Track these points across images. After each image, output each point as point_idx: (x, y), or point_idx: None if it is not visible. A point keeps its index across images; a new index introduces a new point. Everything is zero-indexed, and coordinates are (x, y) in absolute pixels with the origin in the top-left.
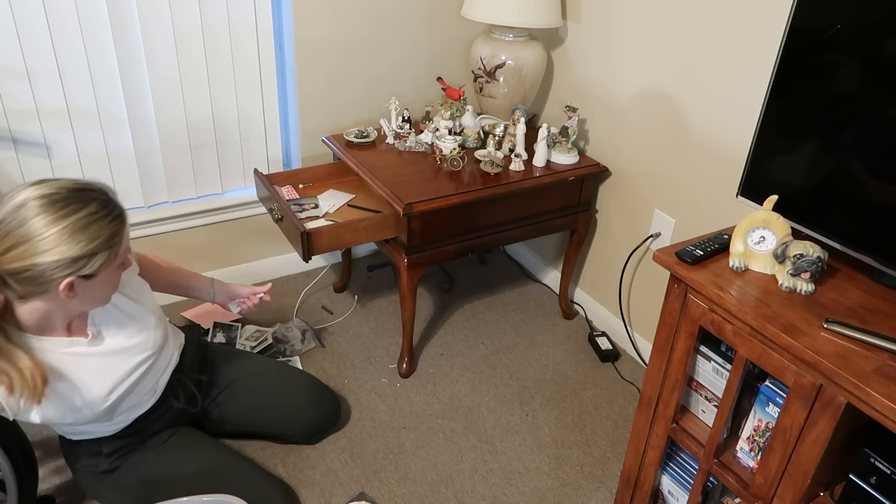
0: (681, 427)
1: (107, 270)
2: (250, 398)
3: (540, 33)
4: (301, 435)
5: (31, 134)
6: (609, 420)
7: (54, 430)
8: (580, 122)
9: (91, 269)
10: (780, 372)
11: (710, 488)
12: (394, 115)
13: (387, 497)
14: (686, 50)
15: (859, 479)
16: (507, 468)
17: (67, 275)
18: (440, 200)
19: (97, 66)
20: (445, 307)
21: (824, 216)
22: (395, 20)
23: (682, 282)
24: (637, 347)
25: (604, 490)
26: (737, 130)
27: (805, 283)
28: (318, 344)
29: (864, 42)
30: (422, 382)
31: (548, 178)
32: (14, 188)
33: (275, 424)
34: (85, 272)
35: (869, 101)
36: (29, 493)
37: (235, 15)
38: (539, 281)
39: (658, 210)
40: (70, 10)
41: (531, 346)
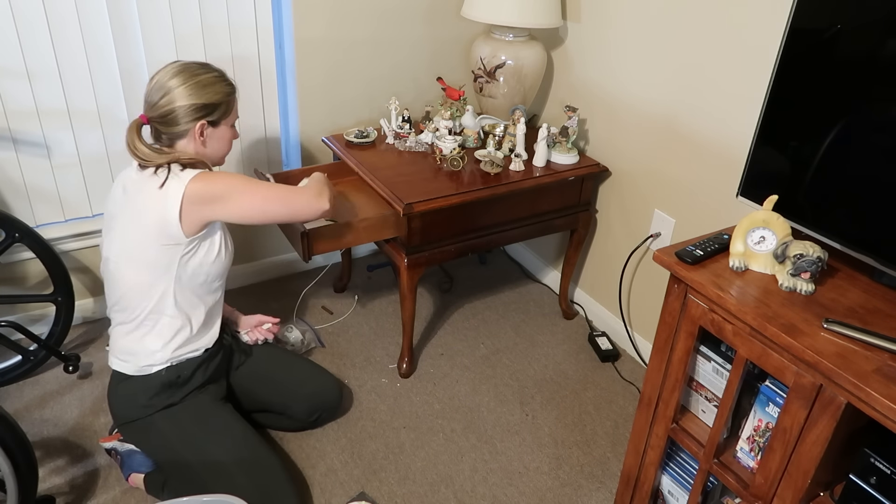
0: (681, 427)
1: (225, 123)
2: (261, 368)
3: (540, 33)
4: (302, 408)
5: (31, 134)
6: (609, 420)
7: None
8: (580, 122)
9: (215, 116)
10: (780, 372)
11: (710, 488)
12: (394, 115)
13: (387, 497)
14: (686, 50)
15: (859, 479)
16: (507, 468)
17: (198, 118)
18: (440, 200)
19: (97, 66)
20: (445, 307)
21: (824, 216)
22: (395, 20)
23: (682, 282)
24: (637, 347)
25: (604, 490)
26: (737, 130)
27: (805, 283)
28: (318, 344)
29: (864, 42)
30: (422, 382)
31: (548, 178)
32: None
33: (280, 395)
34: (211, 118)
35: (869, 101)
36: (29, 493)
37: (235, 15)
38: (539, 281)
39: (658, 210)
40: (70, 10)
41: (531, 346)
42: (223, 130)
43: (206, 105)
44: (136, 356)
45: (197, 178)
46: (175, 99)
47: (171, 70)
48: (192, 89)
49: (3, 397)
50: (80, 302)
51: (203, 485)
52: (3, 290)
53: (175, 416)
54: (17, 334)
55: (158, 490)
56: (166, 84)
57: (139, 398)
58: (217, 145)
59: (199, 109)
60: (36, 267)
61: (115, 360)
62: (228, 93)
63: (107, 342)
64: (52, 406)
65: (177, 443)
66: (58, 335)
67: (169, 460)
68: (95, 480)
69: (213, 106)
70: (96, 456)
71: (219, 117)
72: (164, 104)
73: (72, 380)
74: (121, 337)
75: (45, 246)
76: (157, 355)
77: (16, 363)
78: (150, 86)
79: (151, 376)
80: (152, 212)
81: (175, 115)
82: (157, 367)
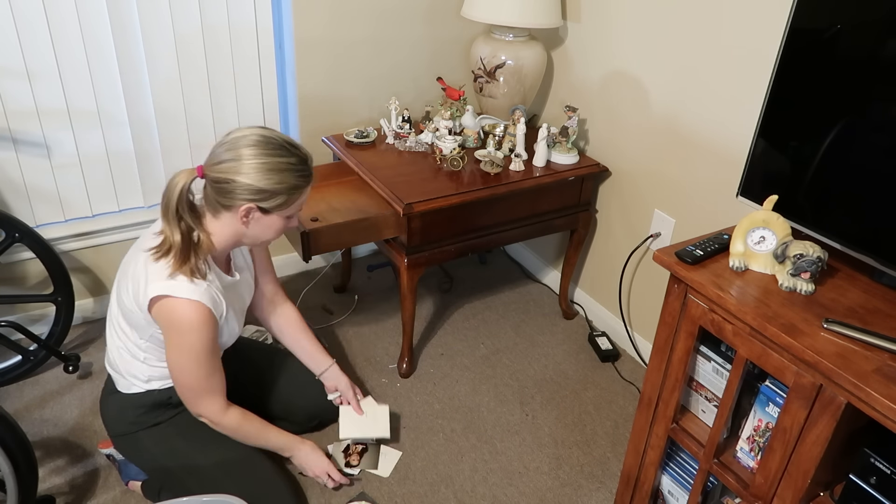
0: (681, 427)
1: (278, 213)
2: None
3: (540, 33)
4: (302, 414)
5: (31, 134)
6: (609, 420)
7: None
8: (580, 122)
9: (268, 204)
10: (780, 372)
11: (710, 488)
12: (394, 115)
13: (387, 497)
14: (686, 49)
15: (859, 479)
16: (507, 468)
17: (250, 200)
18: (440, 200)
19: (97, 66)
20: (445, 307)
21: (824, 216)
22: (395, 20)
23: (682, 282)
24: (637, 347)
25: (604, 490)
26: (737, 130)
27: (805, 283)
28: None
29: (863, 42)
30: (422, 382)
31: (548, 178)
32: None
33: (280, 401)
34: (263, 205)
35: (869, 101)
36: (29, 493)
37: (235, 15)
38: (539, 281)
39: (658, 210)
40: (70, 10)
41: (531, 346)
42: (273, 220)
43: (263, 190)
44: (125, 378)
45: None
46: (239, 170)
47: (252, 135)
48: (252, 168)
49: (3, 397)
50: (80, 302)
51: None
52: (3, 290)
53: (162, 433)
54: (17, 334)
55: (155, 495)
56: (240, 150)
57: (127, 414)
58: (259, 232)
59: (255, 192)
60: (36, 267)
61: (111, 371)
62: (295, 186)
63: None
64: (52, 406)
65: (163, 458)
66: (58, 335)
67: (157, 473)
68: (95, 480)
69: (270, 193)
70: (96, 456)
71: (272, 207)
72: (225, 170)
73: (72, 380)
74: (112, 349)
75: (45, 246)
76: (142, 384)
77: (16, 363)
78: (224, 139)
79: (142, 394)
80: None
81: (230, 186)
82: (147, 390)
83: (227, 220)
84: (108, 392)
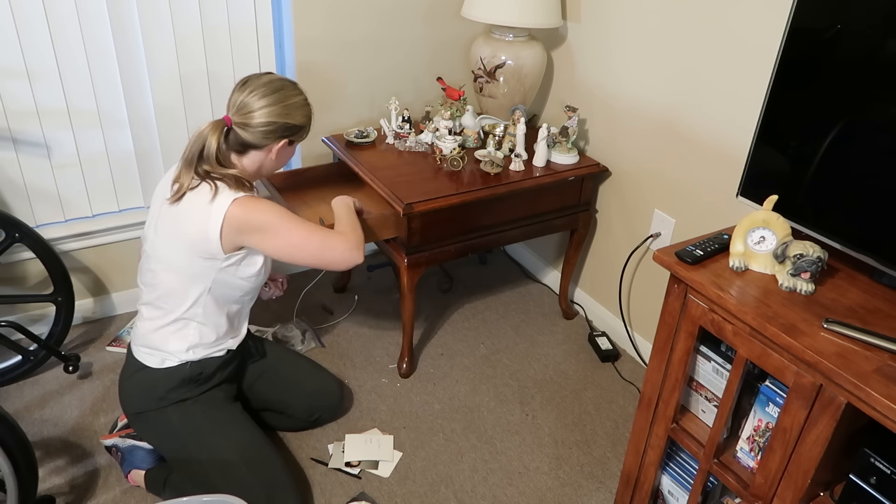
0: (681, 427)
1: (295, 144)
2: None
3: (540, 33)
4: (302, 408)
5: (31, 134)
6: (609, 420)
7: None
8: (580, 122)
9: (298, 137)
10: (780, 372)
11: (710, 488)
12: (394, 115)
13: (387, 497)
14: (686, 49)
15: (859, 479)
16: (507, 468)
17: (285, 136)
18: (440, 200)
19: (97, 66)
20: (445, 307)
21: (824, 216)
22: (395, 20)
23: (682, 282)
24: (637, 347)
25: (604, 490)
26: (737, 130)
27: (805, 283)
28: (318, 344)
29: (863, 42)
30: (422, 382)
31: (548, 178)
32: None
33: (280, 393)
34: (294, 138)
35: (869, 101)
36: (29, 493)
37: (235, 15)
38: (539, 281)
39: (658, 210)
40: (70, 11)
41: (531, 346)
42: (290, 151)
43: (295, 126)
44: (161, 352)
45: (238, 203)
46: (266, 115)
47: (270, 83)
48: (289, 109)
49: (3, 397)
50: (80, 302)
51: (206, 479)
52: (3, 290)
53: (187, 410)
54: (17, 334)
55: (159, 486)
56: (267, 96)
57: (157, 390)
58: (279, 162)
59: (288, 129)
60: (36, 267)
61: (140, 350)
62: (311, 116)
63: (107, 342)
64: (52, 406)
65: (186, 435)
66: (58, 335)
67: (175, 452)
68: (95, 480)
69: (299, 128)
70: (96, 456)
71: (297, 139)
72: (253, 115)
73: (72, 380)
74: (148, 331)
75: (45, 246)
76: (180, 355)
77: (16, 363)
78: (243, 91)
79: (174, 369)
80: (195, 224)
81: (268, 129)
82: (181, 363)
83: (252, 157)
84: (133, 369)
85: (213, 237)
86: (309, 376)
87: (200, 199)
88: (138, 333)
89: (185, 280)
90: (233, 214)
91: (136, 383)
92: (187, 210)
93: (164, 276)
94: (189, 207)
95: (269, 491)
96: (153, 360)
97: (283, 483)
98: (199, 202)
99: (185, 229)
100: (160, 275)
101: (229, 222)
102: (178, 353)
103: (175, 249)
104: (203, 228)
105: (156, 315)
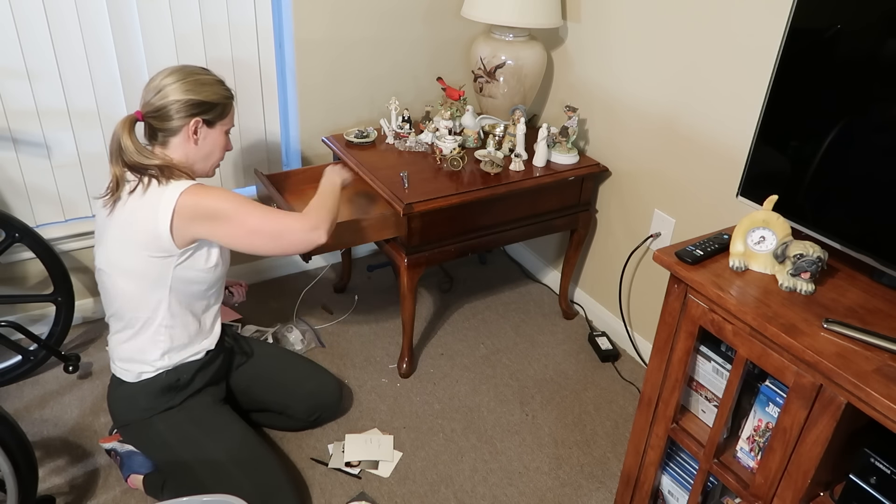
0: (681, 427)
1: (220, 126)
2: (260, 368)
3: (540, 33)
4: (301, 408)
5: (31, 134)
6: (609, 420)
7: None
8: (580, 122)
9: (210, 115)
10: (780, 372)
11: (710, 488)
12: (394, 115)
13: (387, 497)
14: (686, 49)
15: (859, 479)
16: (507, 468)
17: (193, 115)
18: (440, 200)
19: (97, 66)
20: (445, 307)
21: (824, 216)
22: (395, 20)
23: (682, 282)
24: (637, 347)
25: (604, 490)
26: (737, 130)
27: (805, 283)
28: (318, 344)
29: (863, 42)
30: (422, 382)
31: (548, 178)
32: None
33: (279, 394)
34: (206, 117)
35: (869, 101)
36: (29, 493)
37: (235, 15)
38: (539, 281)
39: (658, 210)
40: (70, 10)
41: (531, 346)
42: (217, 134)
43: (202, 102)
44: (135, 363)
45: (189, 192)
46: (171, 93)
47: (170, 69)
48: (190, 85)
49: (3, 397)
50: (80, 302)
51: (202, 485)
52: (3, 290)
53: (174, 419)
54: (17, 334)
55: (158, 491)
56: (164, 80)
57: (139, 401)
58: (209, 149)
59: (195, 105)
60: (36, 267)
61: (115, 366)
62: (226, 96)
63: (107, 342)
64: (52, 406)
65: (175, 444)
66: (58, 335)
67: (167, 461)
68: (95, 480)
69: (209, 105)
70: (96, 456)
71: (214, 118)
72: (159, 98)
73: (72, 380)
74: (118, 344)
75: (45, 246)
76: (155, 363)
77: (16, 363)
78: (148, 85)
79: (151, 380)
80: (143, 223)
81: (170, 109)
82: (157, 373)
83: (175, 147)
84: (115, 385)
85: (164, 232)
86: (308, 376)
87: (144, 197)
88: (111, 349)
89: (143, 285)
90: (183, 204)
91: (118, 398)
92: (132, 210)
93: (121, 284)
94: (133, 207)
95: (266, 493)
96: (129, 375)
97: (280, 485)
98: (142, 200)
99: (134, 230)
100: (117, 284)
101: (179, 213)
102: (153, 362)
103: (126, 255)
104: (152, 226)
105: (121, 326)
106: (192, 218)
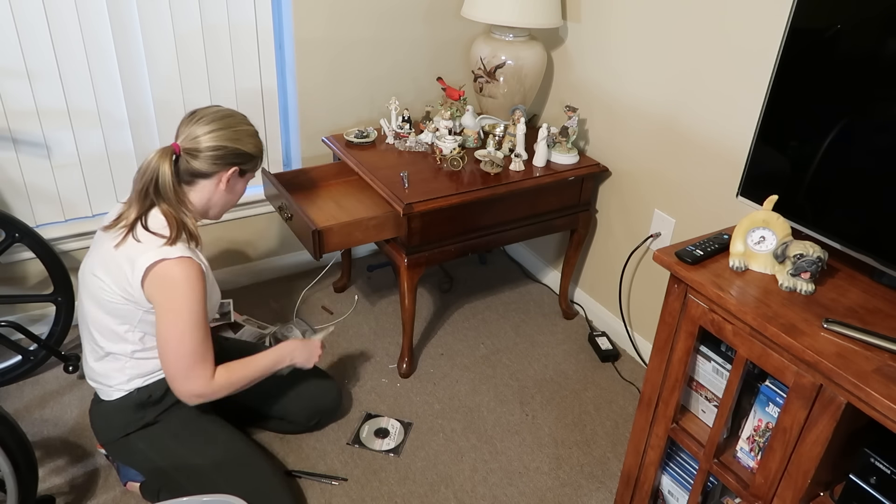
0: (681, 427)
1: (247, 177)
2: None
3: (540, 33)
4: (301, 414)
5: (31, 134)
6: (609, 420)
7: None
8: (580, 122)
9: (248, 167)
10: (780, 372)
11: (710, 488)
12: (394, 115)
13: (387, 497)
14: (686, 50)
15: (859, 479)
16: (507, 468)
17: (236, 164)
18: (440, 200)
19: (97, 66)
20: (445, 307)
21: (824, 216)
22: (395, 20)
23: (682, 282)
24: (637, 347)
25: (604, 490)
26: (736, 130)
27: (805, 283)
28: None
29: (863, 42)
30: (422, 382)
31: (548, 178)
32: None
33: (278, 401)
34: (244, 167)
35: (869, 101)
36: (29, 493)
37: (235, 15)
38: (539, 281)
39: (658, 210)
40: (70, 11)
41: (531, 346)
42: (244, 183)
43: (244, 153)
44: (106, 379)
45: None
46: (218, 139)
47: (216, 112)
48: (238, 135)
49: (3, 397)
50: None
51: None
52: (3, 290)
53: (152, 435)
54: (17, 334)
55: (154, 496)
56: (211, 124)
57: (114, 420)
58: (229, 197)
59: (238, 155)
60: (36, 267)
61: (91, 383)
62: (262, 149)
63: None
64: (52, 406)
65: (157, 459)
66: (58, 335)
67: (154, 475)
68: (95, 480)
69: (248, 156)
70: (96, 456)
71: (249, 169)
72: (206, 140)
73: (72, 380)
74: (90, 359)
75: (45, 246)
76: (123, 386)
77: (16, 363)
78: (192, 119)
79: (122, 399)
80: (122, 267)
81: (214, 154)
82: (128, 392)
83: (202, 189)
84: (94, 402)
85: (136, 285)
86: (306, 381)
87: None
88: (84, 362)
89: (111, 318)
90: (155, 273)
91: (97, 415)
92: (123, 250)
93: (92, 309)
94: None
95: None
96: (103, 392)
97: (271, 489)
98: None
99: (116, 269)
100: (88, 306)
101: (150, 279)
102: (123, 383)
103: (100, 284)
104: (128, 275)
105: (91, 347)
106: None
